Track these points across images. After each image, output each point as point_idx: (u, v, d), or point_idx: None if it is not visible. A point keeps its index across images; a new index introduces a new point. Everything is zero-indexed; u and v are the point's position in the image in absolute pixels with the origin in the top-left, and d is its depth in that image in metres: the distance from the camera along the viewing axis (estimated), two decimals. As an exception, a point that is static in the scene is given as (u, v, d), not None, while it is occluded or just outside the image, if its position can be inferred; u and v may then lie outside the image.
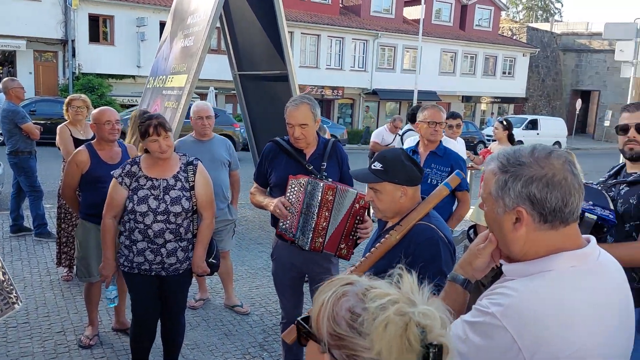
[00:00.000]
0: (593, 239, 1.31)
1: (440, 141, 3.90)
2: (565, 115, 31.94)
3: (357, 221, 2.81)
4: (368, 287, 0.96)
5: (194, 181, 3.04)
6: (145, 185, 2.95)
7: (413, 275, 0.98)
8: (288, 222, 2.90)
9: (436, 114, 3.78)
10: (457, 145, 5.06)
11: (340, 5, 28.31)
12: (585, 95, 34.17)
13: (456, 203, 3.95)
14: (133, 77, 21.69)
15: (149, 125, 2.89)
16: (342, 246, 2.86)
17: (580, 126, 34.89)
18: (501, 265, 1.37)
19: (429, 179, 3.73)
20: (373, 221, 2.65)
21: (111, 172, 3.05)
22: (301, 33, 25.05)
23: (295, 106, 2.89)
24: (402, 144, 5.95)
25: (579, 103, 31.22)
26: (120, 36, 21.57)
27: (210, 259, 3.22)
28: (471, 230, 4.42)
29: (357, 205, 2.77)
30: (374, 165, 2.09)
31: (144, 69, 20.19)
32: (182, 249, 3.05)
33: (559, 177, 1.21)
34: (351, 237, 2.84)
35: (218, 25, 7.13)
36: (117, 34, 21.57)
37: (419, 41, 23.56)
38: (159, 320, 3.24)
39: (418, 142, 3.95)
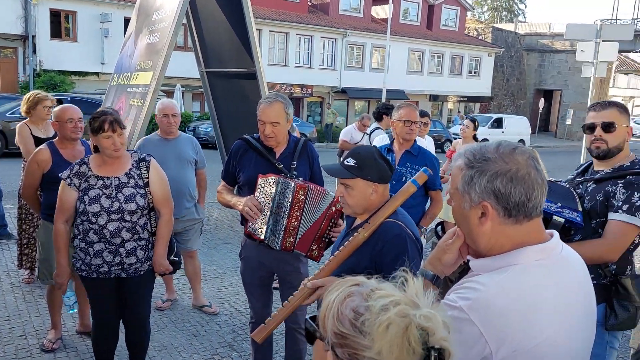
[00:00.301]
0: (556, 233, 1.34)
1: (415, 140, 3.94)
2: (529, 114, 32.70)
3: (331, 224, 2.80)
4: (374, 288, 0.99)
5: (148, 178, 2.96)
6: (96, 184, 2.85)
7: (419, 279, 1.00)
8: (258, 221, 2.88)
9: (411, 112, 3.81)
10: (426, 144, 5.12)
11: (309, 3, 28.28)
12: (548, 95, 35.04)
13: (429, 202, 4.00)
14: (97, 74, 21.16)
15: (104, 121, 2.78)
16: (314, 247, 2.85)
17: (543, 125, 35.80)
18: (469, 261, 1.39)
19: (404, 178, 3.76)
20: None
21: (59, 175, 2.93)
22: (269, 31, 24.91)
23: (269, 103, 2.87)
24: (370, 142, 5.99)
25: (542, 102, 32.01)
26: (83, 32, 21.01)
27: (172, 257, 3.16)
28: (439, 227, 4.48)
29: (333, 208, 2.76)
30: (347, 161, 2.10)
31: (108, 65, 19.73)
32: (142, 248, 2.97)
33: (522, 173, 1.24)
34: (324, 239, 2.84)
35: (184, 21, 7.03)
36: (79, 30, 21.00)
37: (387, 40, 23.73)
38: (123, 325, 3.16)
39: (393, 141, 3.97)
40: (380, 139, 5.05)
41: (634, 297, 2.34)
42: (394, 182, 3.80)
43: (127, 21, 15.21)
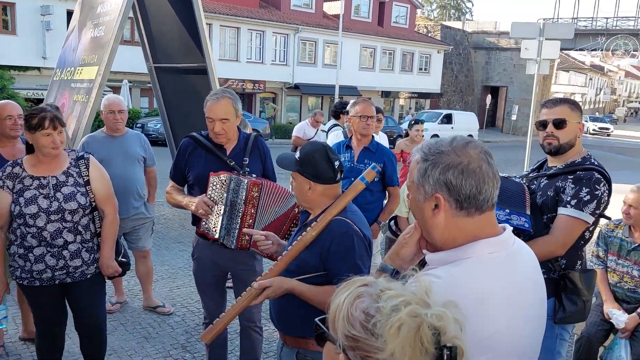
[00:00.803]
0: (508, 227, 1.36)
1: (373, 136, 3.95)
2: (476, 110, 33.62)
3: (293, 225, 2.77)
4: (383, 288, 0.97)
5: (88, 175, 2.82)
6: (31, 185, 2.70)
7: (427, 278, 1.00)
8: (211, 220, 2.82)
9: (367, 108, 3.82)
10: (380, 140, 5.17)
11: (260, -2, 28.05)
12: (495, 91, 36.16)
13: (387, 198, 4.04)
14: (38, 68, 20.26)
15: (44, 118, 2.63)
16: None
17: (490, 120, 36.90)
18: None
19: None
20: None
21: None
22: (220, 25, 24.53)
23: (216, 100, 2.79)
24: (327, 139, 6.00)
25: (488, 98, 32.98)
26: (22, 25, 20.05)
27: (120, 258, 3.05)
28: (392, 222, 4.53)
29: (296, 210, 2.73)
30: (297, 154, 2.12)
31: (50, 60, 18.89)
32: (87, 250, 2.83)
33: (473, 166, 1.26)
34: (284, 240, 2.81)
35: (131, 15, 6.81)
36: (19, 23, 20.03)
37: (339, 36, 23.83)
38: (78, 336, 3.02)
39: (351, 137, 3.98)
40: (334, 136, 5.07)
41: (582, 291, 2.40)
42: (352, 179, 3.81)
43: (70, 14, 14.62)
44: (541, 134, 2.51)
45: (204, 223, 2.85)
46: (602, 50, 32.66)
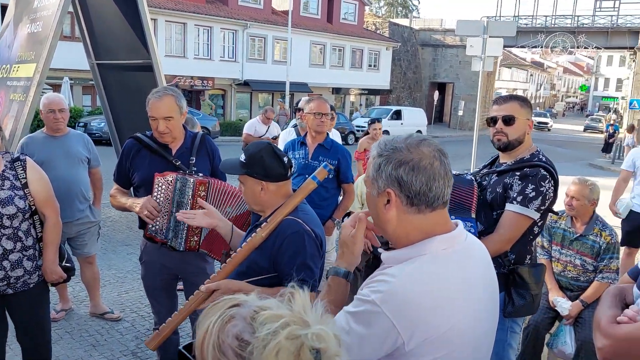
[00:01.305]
0: (460, 222, 1.38)
1: (327, 134, 3.95)
2: (424, 106, 34.34)
3: (244, 225, 2.72)
4: (257, 308, 0.89)
5: (25, 178, 2.67)
6: None
7: (305, 292, 0.92)
8: (158, 223, 2.73)
9: (322, 105, 3.81)
10: (333, 137, 5.19)
11: (207, -7, 27.55)
12: (442, 87, 37.00)
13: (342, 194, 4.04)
14: (-29, 65, 19.17)
15: None
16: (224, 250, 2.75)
17: (438, 116, 37.75)
18: (378, 252, 1.41)
19: None
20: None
21: None
22: (165, 21, 23.92)
23: (159, 98, 2.70)
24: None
25: (436, 94, 33.73)
26: (-48, 18, 18.91)
27: (64, 263, 2.91)
28: (345, 218, 4.53)
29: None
30: (241, 157, 2.07)
31: (-16, 56, 17.91)
32: (29, 258, 2.68)
33: (424, 163, 1.28)
34: None
35: (71, 9, 6.53)
36: (-52, 16, 18.88)
37: (288, 33, 23.73)
38: (20, 349, 2.85)
39: (306, 134, 3.95)
40: (287, 133, 5.04)
41: (531, 285, 2.47)
42: (307, 176, 3.79)
43: (4, 9, 13.87)
44: (491, 130, 2.55)
45: (150, 226, 2.76)
46: (542, 47, 33.97)
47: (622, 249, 4.74)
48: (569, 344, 3.41)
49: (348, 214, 4.48)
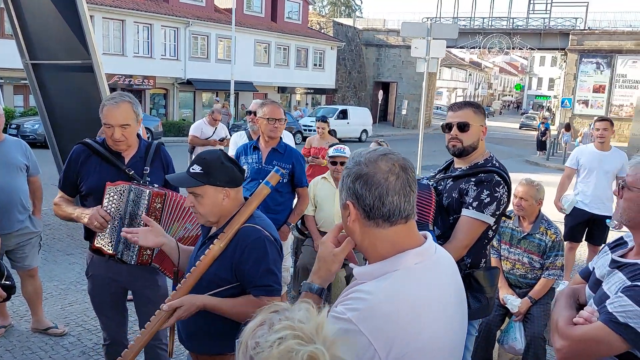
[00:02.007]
0: (429, 235, 1.39)
1: (281, 138, 3.89)
2: (369, 105, 34.79)
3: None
4: (284, 317, 0.98)
5: None
6: None
7: (324, 312, 1.00)
8: (107, 234, 2.60)
9: (275, 110, 3.76)
10: (285, 139, 5.15)
11: (147, -11, 26.74)
12: (386, 87, 37.60)
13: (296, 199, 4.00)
14: None
15: None
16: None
17: (383, 115, 38.36)
18: (351, 268, 1.41)
19: None
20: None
21: None
22: (103, 18, 23.04)
23: (115, 104, 2.59)
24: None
25: (380, 94, 34.27)
26: None
27: (3, 281, 2.73)
28: (299, 221, 4.51)
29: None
30: (193, 169, 1.99)
31: None
32: None
33: (378, 177, 1.29)
34: None
35: (2, 5, 6.15)
36: None
37: (232, 31, 23.40)
38: None
39: (258, 138, 3.88)
40: (238, 136, 4.95)
41: (486, 288, 2.54)
42: (261, 181, 3.74)
43: None
44: (447, 137, 2.60)
45: (99, 237, 2.63)
46: (479, 48, 35.16)
47: (565, 244, 4.95)
48: (519, 339, 3.53)
49: (301, 217, 4.46)
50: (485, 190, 2.43)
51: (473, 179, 2.49)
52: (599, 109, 31.11)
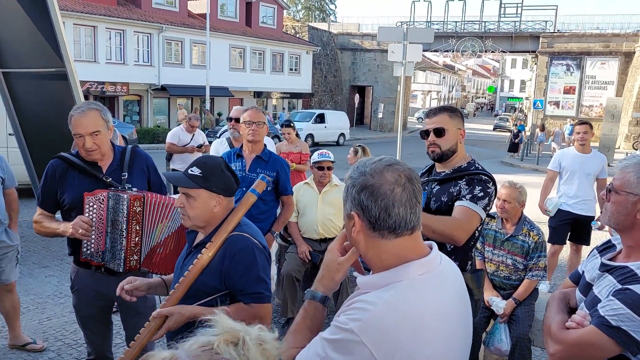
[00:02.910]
0: (434, 245, 1.38)
1: (265, 145, 3.86)
2: (346, 109, 34.92)
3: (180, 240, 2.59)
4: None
5: None
6: None
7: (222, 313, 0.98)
8: (93, 245, 2.55)
9: (255, 114, 3.72)
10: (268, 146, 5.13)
11: (118, -5, 26.41)
12: (362, 90, 37.85)
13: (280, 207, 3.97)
14: None
15: None
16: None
17: (359, 118, 38.54)
18: (317, 260, 1.42)
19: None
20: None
21: None
22: (74, 24, 22.65)
23: (82, 113, 2.55)
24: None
25: (357, 97, 34.46)
26: None
27: None
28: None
29: None
30: (192, 170, 2.00)
31: None
32: None
33: (384, 189, 1.27)
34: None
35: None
36: None
37: (206, 36, 23.24)
38: None
39: (242, 146, 3.84)
40: (219, 143, 4.89)
41: (474, 291, 2.54)
42: (244, 189, 3.70)
43: None
44: (426, 143, 2.62)
45: (84, 249, 2.58)
46: (453, 51, 35.66)
47: (548, 247, 5.02)
48: (504, 341, 3.55)
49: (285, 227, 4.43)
50: (477, 186, 2.47)
51: (461, 181, 2.51)
52: (569, 110, 31.86)
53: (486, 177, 2.52)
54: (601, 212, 1.94)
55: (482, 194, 2.46)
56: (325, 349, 1.24)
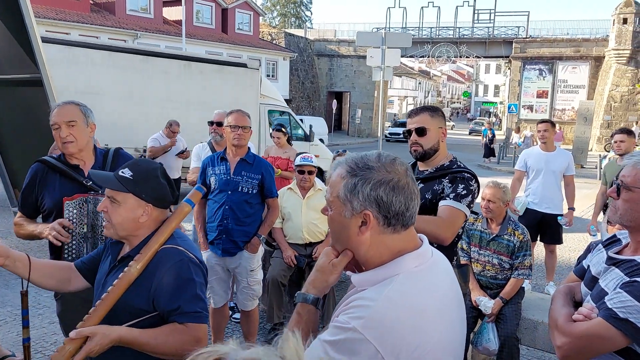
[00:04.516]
0: (424, 237, 1.38)
1: (249, 148, 3.82)
2: (324, 115, 34.97)
3: None
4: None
5: None
6: None
7: (297, 336, 0.82)
8: (74, 251, 2.48)
9: (240, 118, 3.69)
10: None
11: (91, 2, 26.01)
12: (339, 96, 37.95)
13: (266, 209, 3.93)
14: None
15: None
16: None
17: (337, 124, 38.66)
18: (302, 264, 1.38)
19: (240, 187, 3.67)
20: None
21: None
22: (46, 31, 22.20)
23: (60, 106, 2.57)
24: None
25: (334, 103, 34.53)
26: None
27: None
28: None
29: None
30: (122, 172, 1.81)
31: None
32: None
33: (402, 182, 1.26)
34: None
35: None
36: None
37: (182, 43, 23.06)
38: None
39: (226, 149, 3.80)
40: (201, 147, 4.83)
41: (461, 285, 2.55)
42: (229, 192, 3.67)
43: None
44: (409, 142, 2.66)
45: (65, 255, 2.51)
46: (428, 56, 36.08)
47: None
48: (492, 340, 3.57)
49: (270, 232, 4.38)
50: (460, 184, 2.50)
51: (444, 179, 2.55)
52: (543, 113, 32.45)
53: (469, 175, 2.56)
54: (606, 212, 1.95)
55: (465, 192, 2.49)
56: (327, 352, 1.20)
